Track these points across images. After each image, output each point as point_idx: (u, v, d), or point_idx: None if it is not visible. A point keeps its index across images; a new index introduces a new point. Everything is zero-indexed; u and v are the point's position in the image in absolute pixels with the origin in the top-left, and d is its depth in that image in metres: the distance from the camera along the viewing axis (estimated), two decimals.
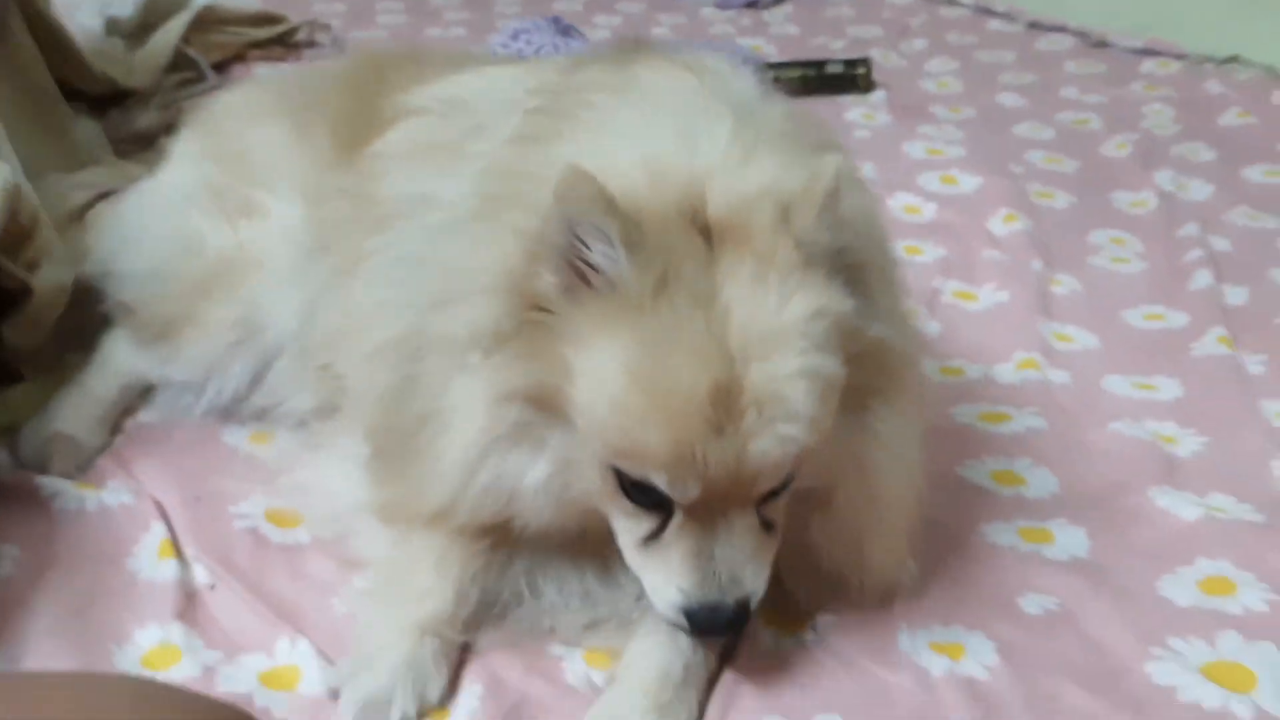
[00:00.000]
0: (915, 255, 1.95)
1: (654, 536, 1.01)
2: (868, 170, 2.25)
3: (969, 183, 2.20)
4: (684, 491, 0.98)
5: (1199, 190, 2.21)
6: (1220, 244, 1.99)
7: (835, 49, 2.95)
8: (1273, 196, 2.20)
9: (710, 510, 0.99)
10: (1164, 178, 2.24)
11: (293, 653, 1.10)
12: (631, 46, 1.26)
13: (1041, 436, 1.48)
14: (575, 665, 1.10)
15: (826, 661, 1.11)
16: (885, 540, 1.10)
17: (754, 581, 1.01)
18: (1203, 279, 1.85)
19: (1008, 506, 1.35)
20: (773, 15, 3.28)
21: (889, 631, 1.15)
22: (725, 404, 0.94)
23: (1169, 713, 1.06)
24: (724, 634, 1.06)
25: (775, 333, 0.96)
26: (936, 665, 1.11)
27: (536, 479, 1.04)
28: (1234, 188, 2.23)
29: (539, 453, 1.03)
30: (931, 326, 1.75)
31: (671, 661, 1.05)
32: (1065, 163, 2.34)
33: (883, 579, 1.12)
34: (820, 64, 2.69)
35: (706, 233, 0.98)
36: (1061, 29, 3.10)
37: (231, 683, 1.07)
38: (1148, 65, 2.85)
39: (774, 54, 2.90)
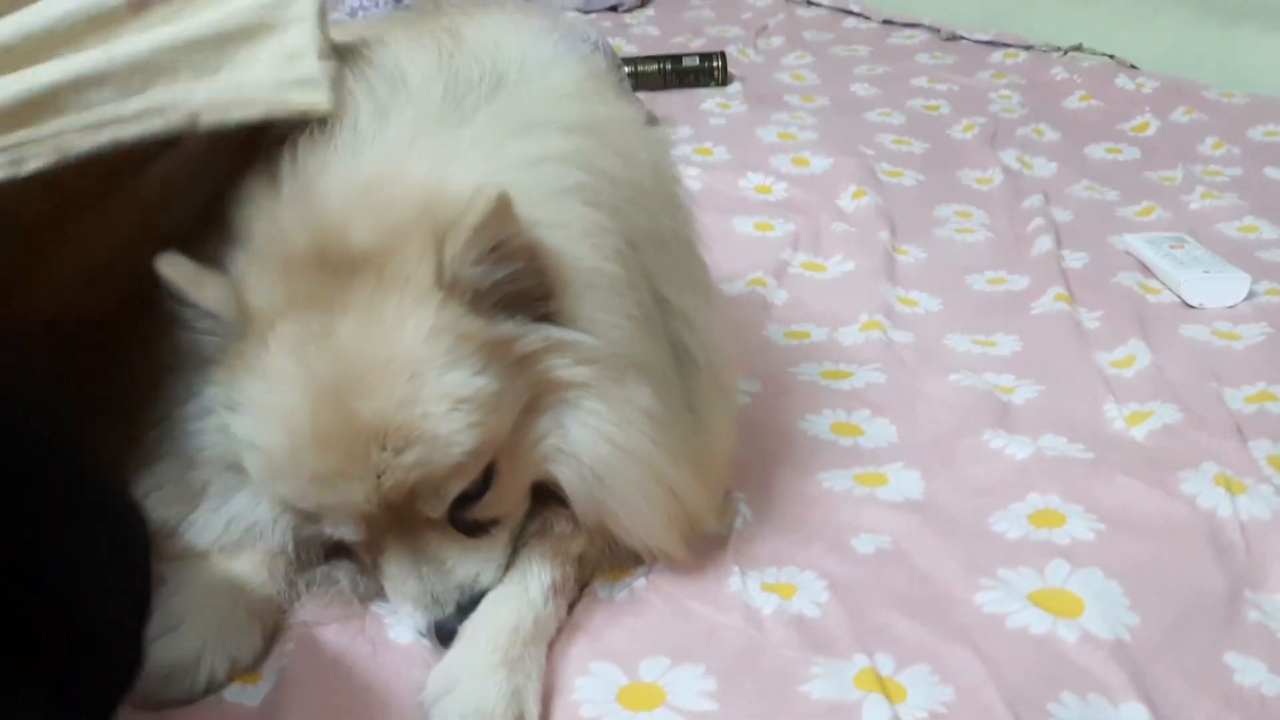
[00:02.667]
0: (766, 231, 1.95)
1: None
2: (720, 154, 2.27)
3: (820, 163, 2.21)
4: (348, 534, 0.99)
5: (1043, 168, 2.25)
6: (1062, 216, 2.03)
7: (694, 47, 2.96)
8: (1112, 171, 2.25)
9: (404, 533, 0.99)
10: (1009, 156, 2.29)
11: None
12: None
13: (880, 390, 1.48)
14: (400, 622, 1.06)
15: (658, 606, 1.09)
16: (635, 523, 1.06)
17: (475, 581, 1.02)
18: (1044, 245, 1.88)
19: (845, 455, 1.34)
20: (635, 18, 3.29)
21: (721, 575, 1.13)
22: (341, 446, 0.93)
23: (997, 638, 1.05)
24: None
25: (385, 362, 0.93)
26: (767, 605, 1.09)
27: (262, 517, 1.05)
28: (1076, 164, 2.27)
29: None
30: (779, 295, 1.75)
31: (523, 615, 1.02)
32: (914, 144, 2.37)
33: (658, 549, 1.09)
34: (677, 58, 2.70)
35: (348, 261, 0.95)
36: (914, 25, 3.15)
37: None
38: (996, 56, 2.91)
39: (634, 52, 2.91)
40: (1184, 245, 1.84)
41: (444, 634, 1.01)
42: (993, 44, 2.97)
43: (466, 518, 1.01)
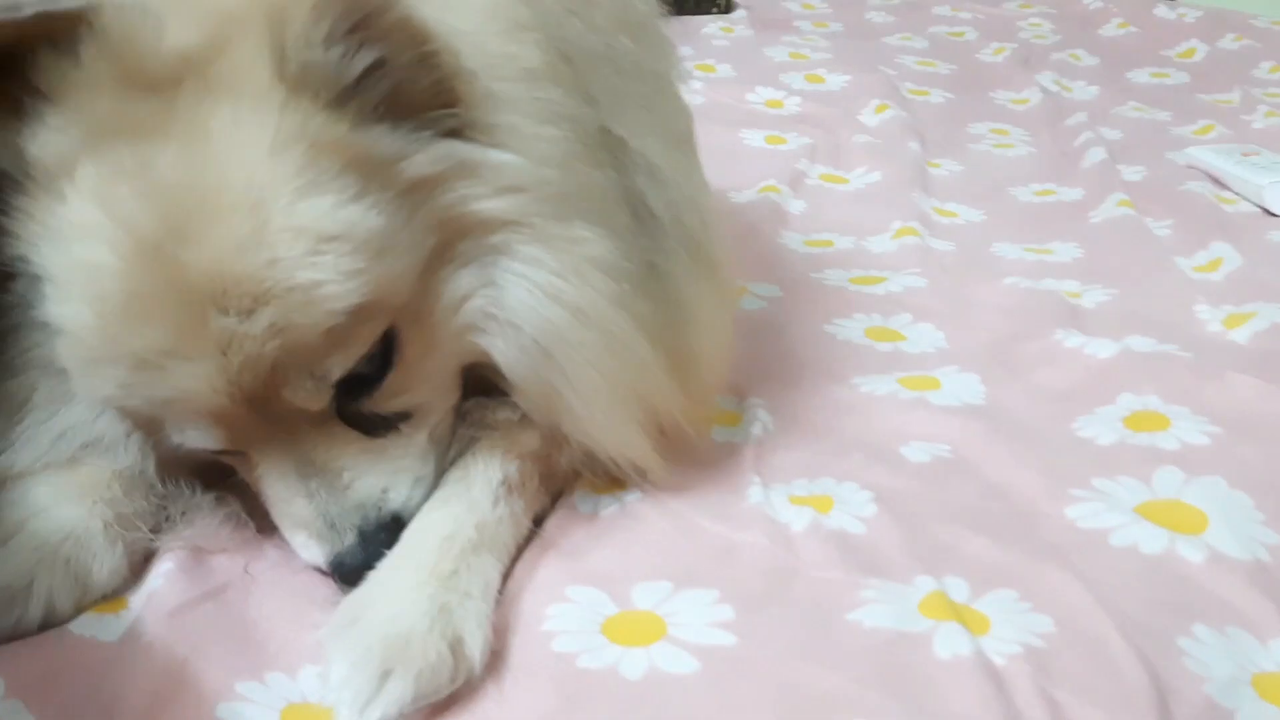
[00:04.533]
0: (778, 144, 1.72)
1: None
2: (725, 70, 2.03)
3: (836, 80, 1.98)
4: (200, 440, 0.73)
5: (1083, 91, 2.02)
6: (1111, 134, 1.79)
7: None
8: (1161, 94, 2.02)
9: (282, 438, 0.74)
10: (1046, 79, 2.05)
11: None
12: None
13: (921, 294, 1.24)
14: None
15: (656, 522, 0.84)
16: (592, 415, 0.79)
17: (382, 499, 0.76)
18: (1096, 156, 1.65)
19: (884, 360, 1.10)
20: None
21: (737, 486, 0.88)
22: (167, 314, 0.68)
23: (1099, 558, 0.81)
24: (374, 562, 0.76)
25: (215, 194, 0.67)
26: (798, 520, 0.84)
27: (106, 432, 0.79)
28: (1120, 87, 2.05)
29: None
30: (796, 205, 1.51)
31: (460, 521, 0.77)
32: (940, 66, 2.13)
33: (623, 457, 0.83)
34: None
35: (165, 72, 0.69)
36: None
37: None
38: None
39: None
40: (1259, 153, 1.60)
41: (345, 571, 0.75)
42: None
43: (364, 410, 0.75)
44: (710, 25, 2.33)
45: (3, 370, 0.78)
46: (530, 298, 0.74)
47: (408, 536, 0.76)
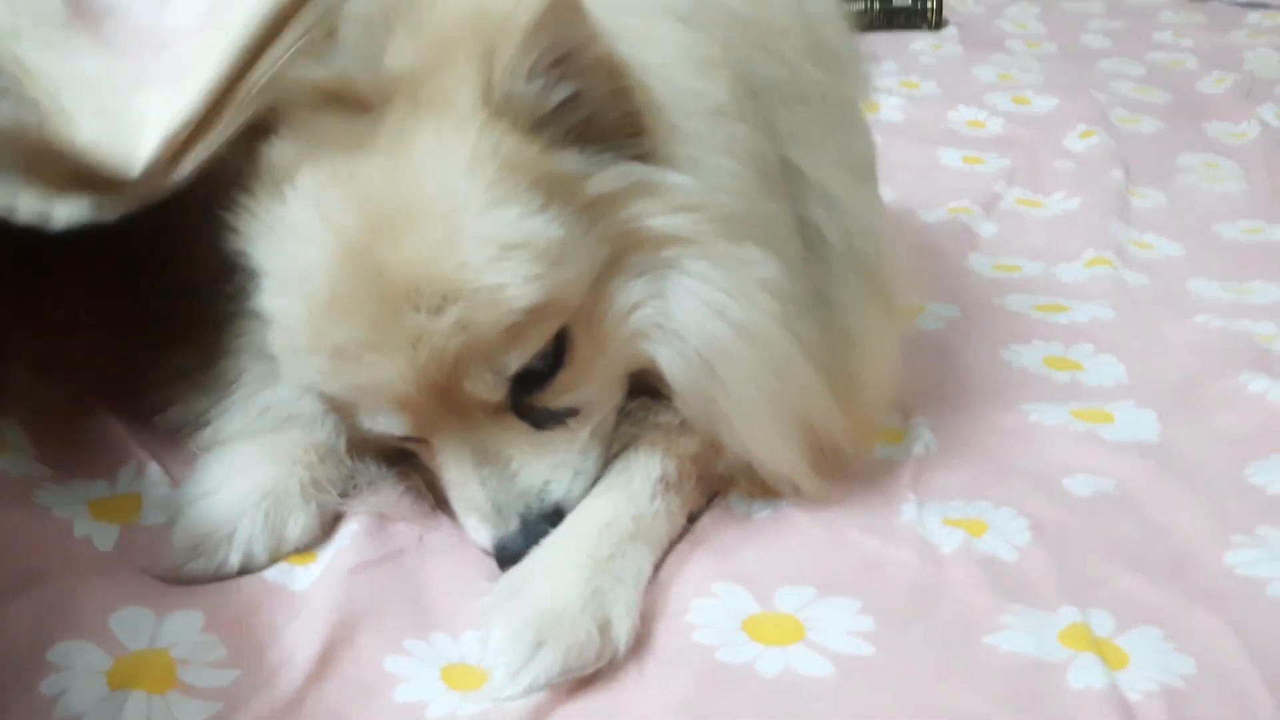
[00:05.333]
0: (975, 164, 1.71)
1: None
2: (929, 88, 2.02)
3: (1043, 103, 1.95)
4: (389, 426, 0.79)
5: None
6: None
7: None
8: None
9: (460, 426, 0.79)
10: (1267, 112, 1.96)
11: (137, 480, 0.88)
12: None
13: (1107, 326, 1.22)
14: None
15: (808, 529, 0.87)
16: (752, 430, 0.82)
17: (544, 489, 0.81)
18: None
19: (1060, 390, 1.09)
20: None
21: (892, 502, 0.90)
22: (366, 309, 0.74)
23: (1253, 606, 0.80)
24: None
25: (414, 202, 0.73)
26: (949, 541, 0.86)
27: (306, 409, 0.86)
28: None
29: None
30: (987, 227, 1.50)
31: (620, 510, 0.81)
32: (1155, 93, 2.08)
33: (780, 473, 0.85)
34: None
35: (380, 91, 0.75)
36: None
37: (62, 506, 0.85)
38: (1253, 17, 2.57)
39: None
40: None
41: (507, 555, 0.80)
42: (1250, 5, 2.63)
43: (535, 405, 0.80)
44: (919, 41, 2.32)
45: (219, 350, 0.87)
46: (697, 311, 0.78)
47: (570, 519, 0.81)
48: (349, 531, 0.84)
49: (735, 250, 0.78)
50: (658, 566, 0.82)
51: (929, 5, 2.42)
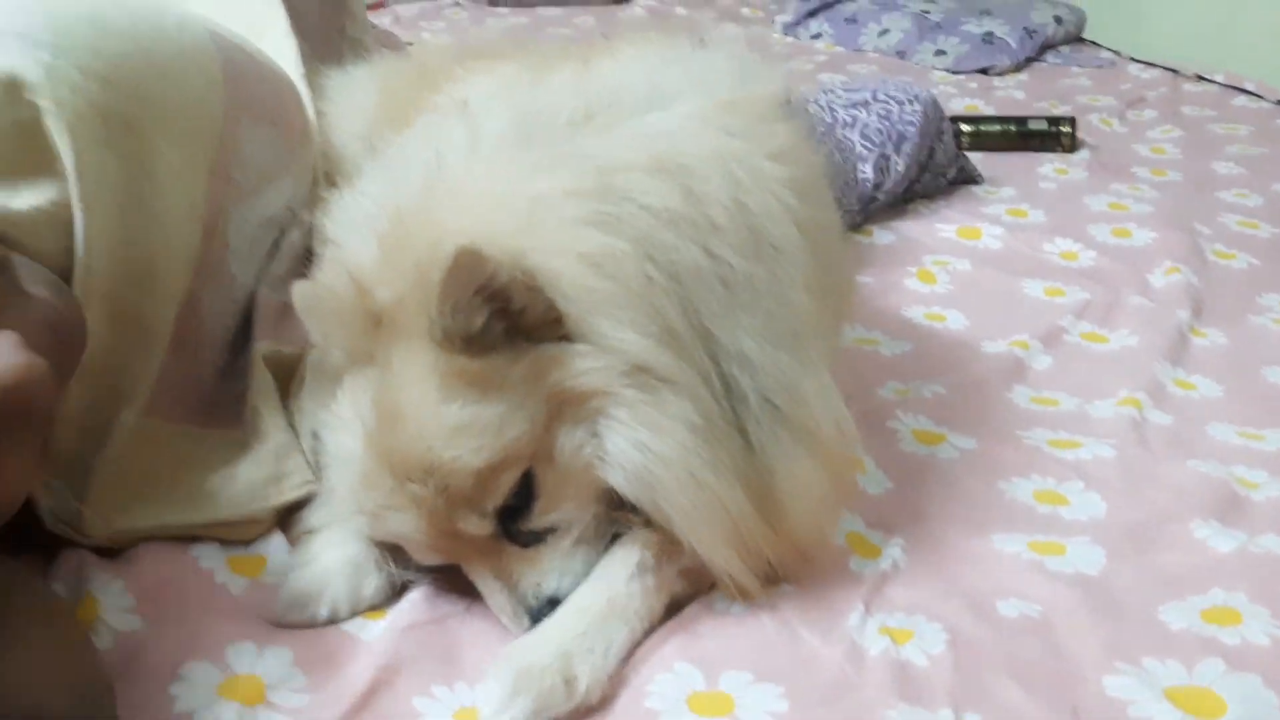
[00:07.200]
0: (1055, 297, 1.86)
1: None
2: (1035, 216, 2.18)
3: (1142, 236, 2.08)
4: (429, 559, 1.09)
5: None
6: None
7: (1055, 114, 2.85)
8: None
9: (479, 554, 1.07)
10: None
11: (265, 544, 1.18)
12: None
13: (1104, 465, 1.38)
14: None
15: (767, 625, 1.09)
16: (694, 536, 1.04)
17: (538, 590, 1.06)
18: None
19: (1034, 521, 1.27)
20: (1004, 81, 3.20)
21: (843, 610, 1.11)
22: (383, 483, 1.03)
23: None
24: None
25: (399, 408, 1.02)
26: (876, 645, 1.06)
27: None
28: None
29: None
30: (1042, 360, 1.66)
31: (596, 593, 1.06)
32: (1262, 228, 2.17)
33: (719, 570, 1.07)
34: (1022, 120, 2.61)
35: (380, 315, 1.05)
36: None
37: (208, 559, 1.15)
38: None
39: (988, 112, 2.84)
40: None
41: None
42: None
43: (523, 529, 1.06)
44: (1046, 165, 2.46)
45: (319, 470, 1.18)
46: (624, 446, 1.02)
47: (562, 604, 1.06)
48: (411, 597, 1.11)
49: (647, 396, 1.02)
50: (639, 643, 1.06)
51: (1062, 129, 2.56)
